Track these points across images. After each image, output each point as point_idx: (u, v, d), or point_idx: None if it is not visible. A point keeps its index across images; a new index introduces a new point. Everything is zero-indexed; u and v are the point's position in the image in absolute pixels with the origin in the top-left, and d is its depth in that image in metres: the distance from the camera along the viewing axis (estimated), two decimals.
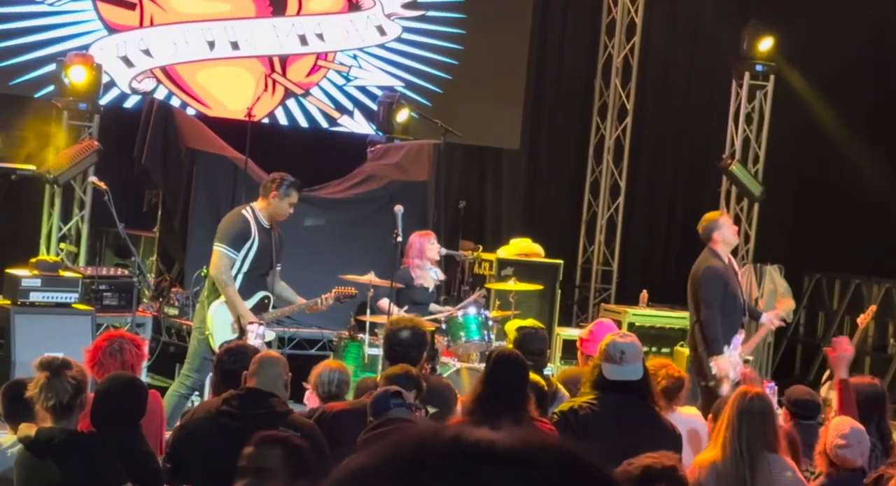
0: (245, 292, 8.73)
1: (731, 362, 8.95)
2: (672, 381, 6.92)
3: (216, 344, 8.62)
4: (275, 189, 8.86)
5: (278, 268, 9.09)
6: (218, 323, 8.68)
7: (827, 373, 8.86)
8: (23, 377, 5.95)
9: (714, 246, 9.50)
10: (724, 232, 9.56)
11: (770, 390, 8.00)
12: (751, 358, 13.29)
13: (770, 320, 9.74)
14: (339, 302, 9.36)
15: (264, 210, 8.87)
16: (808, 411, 7.04)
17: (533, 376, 6.36)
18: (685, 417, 6.94)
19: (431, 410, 6.90)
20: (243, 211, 8.90)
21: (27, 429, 5.49)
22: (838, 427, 6.11)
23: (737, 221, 14.67)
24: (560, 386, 7.36)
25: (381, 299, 10.29)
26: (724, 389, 8.54)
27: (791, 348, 15.25)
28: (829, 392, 7.82)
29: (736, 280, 9.56)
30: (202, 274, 10.14)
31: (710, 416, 6.70)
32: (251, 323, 9.89)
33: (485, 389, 6.01)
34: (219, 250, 8.72)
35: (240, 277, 8.72)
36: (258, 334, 10.01)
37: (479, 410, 5.89)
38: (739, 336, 9.28)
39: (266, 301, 8.85)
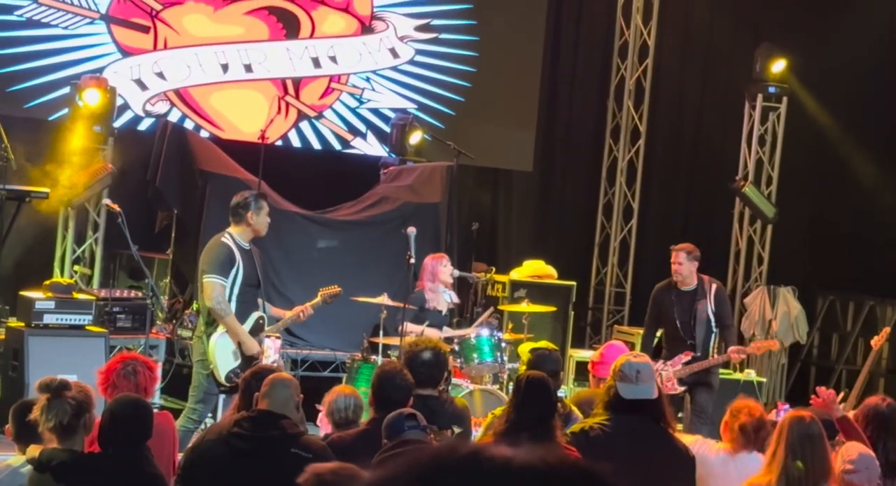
0: (240, 316, 8.71)
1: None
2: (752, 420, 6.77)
3: (222, 375, 8.61)
4: (250, 210, 8.84)
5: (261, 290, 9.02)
6: (220, 354, 8.64)
7: (840, 395, 8.84)
8: (32, 398, 5.96)
9: None
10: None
11: (784, 412, 7.99)
12: (764, 380, 13.28)
13: (732, 353, 10.33)
14: (326, 303, 9.38)
15: (243, 233, 8.83)
16: (827, 432, 7.01)
17: None
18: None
19: (457, 430, 6.91)
20: (222, 239, 8.85)
21: (34, 451, 5.51)
22: (846, 453, 6.10)
23: (750, 242, 14.68)
24: (573, 408, 7.35)
25: (396, 322, 10.27)
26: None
27: (805, 369, 15.21)
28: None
29: (683, 303, 10.40)
30: (194, 309, 10.15)
31: None
32: (268, 337, 9.92)
33: (515, 413, 6.01)
34: (210, 280, 8.65)
35: (234, 301, 8.70)
36: (274, 350, 10.04)
37: (509, 433, 5.89)
38: (683, 356, 10.15)
39: (261, 322, 8.82)
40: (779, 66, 14.38)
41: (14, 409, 5.93)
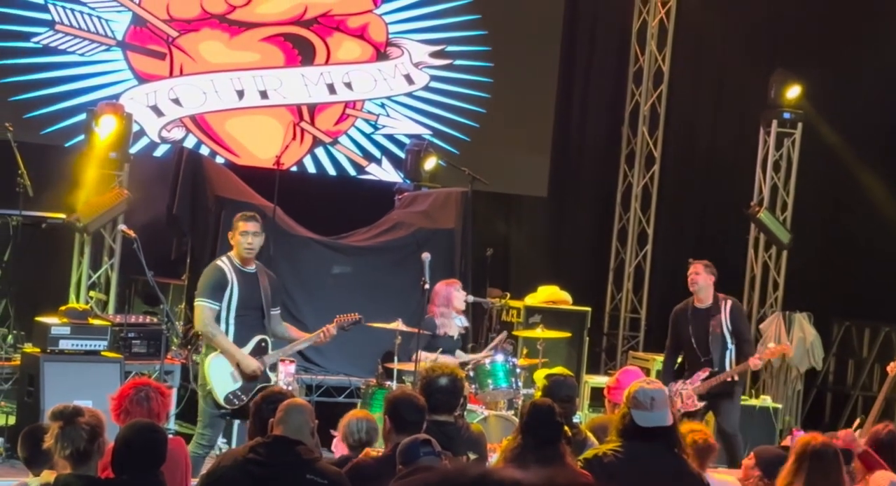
0: (240, 339, 8.67)
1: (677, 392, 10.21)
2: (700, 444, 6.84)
3: (220, 396, 8.60)
4: (229, 231, 8.87)
5: (274, 312, 8.94)
6: (216, 375, 8.62)
7: (857, 421, 8.83)
8: (41, 423, 5.96)
9: None
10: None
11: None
12: (779, 406, 13.24)
13: (750, 360, 10.50)
14: (344, 330, 9.34)
15: (238, 256, 8.83)
16: (844, 457, 7.00)
17: None
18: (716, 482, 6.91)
19: (472, 456, 6.90)
20: (218, 261, 8.88)
21: (49, 476, 5.51)
22: (877, 484, 6.09)
23: (765, 268, 14.65)
24: (589, 434, 7.34)
25: (410, 348, 10.26)
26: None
27: (821, 396, 15.14)
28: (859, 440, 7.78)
29: (698, 321, 10.62)
30: (193, 333, 10.15)
31: None
32: (282, 362, 9.92)
33: (522, 437, 6.01)
34: (199, 303, 8.68)
35: (231, 324, 8.67)
36: (288, 373, 10.03)
37: (517, 457, 5.89)
38: (701, 373, 10.38)
39: (263, 344, 8.77)
40: (794, 91, 14.37)
41: (23, 435, 5.94)
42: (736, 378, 10.55)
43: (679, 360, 10.89)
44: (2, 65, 12.38)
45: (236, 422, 8.98)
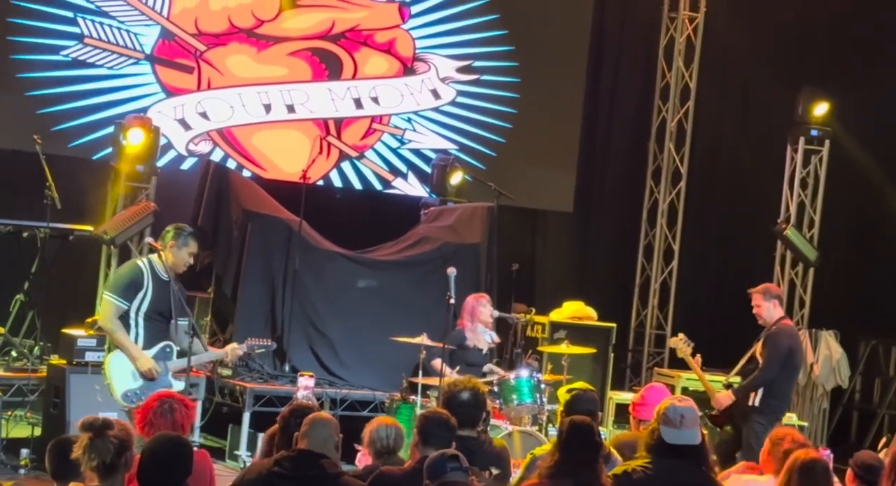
0: (147, 341, 8.55)
1: None
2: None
3: (119, 393, 8.47)
4: (172, 240, 8.72)
5: (181, 322, 8.79)
6: (115, 371, 8.50)
7: (884, 439, 8.78)
8: (69, 435, 5.96)
9: None
10: None
11: (826, 458, 7.92)
12: (805, 424, 13.17)
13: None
14: (250, 354, 9.28)
15: (162, 261, 8.73)
16: (874, 475, 6.97)
17: None
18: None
19: (495, 471, 6.89)
20: (138, 261, 8.77)
21: None
22: None
23: (792, 285, 14.59)
24: (613, 450, 7.32)
25: (434, 358, 10.27)
26: None
27: (847, 414, 15.06)
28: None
29: None
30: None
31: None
32: (301, 376, 9.88)
33: (560, 455, 5.99)
34: (107, 298, 8.60)
35: (140, 326, 8.58)
36: (305, 386, 10.02)
37: (554, 476, 5.88)
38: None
39: (168, 350, 8.66)
40: (821, 109, 14.34)
41: (51, 447, 5.94)
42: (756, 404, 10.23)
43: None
44: (31, 78, 12.44)
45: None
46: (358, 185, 14.02)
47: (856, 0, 15.03)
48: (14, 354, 10.93)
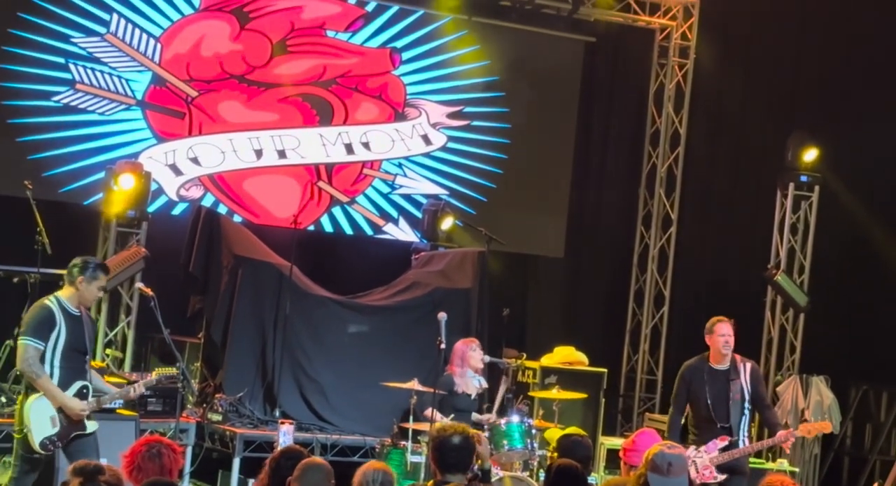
0: (63, 382, 8.33)
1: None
2: None
3: (36, 441, 8.26)
4: (80, 274, 8.59)
5: (89, 358, 8.64)
6: (35, 418, 8.28)
7: (875, 485, 8.77)
8: (64, 482, 5.95)
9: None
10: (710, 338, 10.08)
11: None
12: (797, 470, 13.14)
13: (781, 436, 9.68)
14: (154, 389, 9.18)
15: (72, 297, 8.55)
16: None
17: None
18: None
19: None
20: (46, 301, 8.55)
21: None
22: None
23: (783, 331, 14.60)
24: None
25: (426, 408, 10.24)
26: None
27: (838, 460, 15.03)
28: None
29: (716, 383, 9.85)
30: (17, 372, 9.92)
31: None
32: (281, 423, 9.82)
33: None
34: (23, 342, 8.34)
35: (56, 367, 8.42)
36: (286, 432, 9.97)
37: None
38: (719, 441, 9.52)
39: (84, 391, 8.48)
40: (811, 154, 14.40)
41: None
42: (755, 451, 10.04)
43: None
44: (22, 123, 12.48)
45: (60, 455, 8.59)
46: (349, 230, 14.03)
47: (844, 45, 15.12)
48: (3, 399, 10.88)
